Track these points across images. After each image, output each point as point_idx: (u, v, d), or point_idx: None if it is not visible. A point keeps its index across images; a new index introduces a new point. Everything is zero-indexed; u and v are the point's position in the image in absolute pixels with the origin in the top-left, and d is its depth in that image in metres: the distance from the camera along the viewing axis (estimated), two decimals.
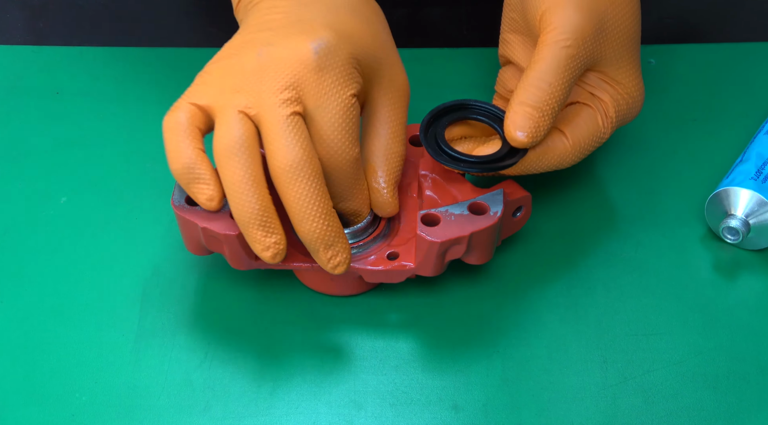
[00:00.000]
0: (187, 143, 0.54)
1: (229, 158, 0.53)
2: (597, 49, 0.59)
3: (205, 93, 0.55)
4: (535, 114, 0.57)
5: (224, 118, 0.54)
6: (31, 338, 0.60)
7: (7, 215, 0.66)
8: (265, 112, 0.53)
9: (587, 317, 0.61)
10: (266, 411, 0.57)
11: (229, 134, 0.53)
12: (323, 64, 0.54)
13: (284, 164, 0.53)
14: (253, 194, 0.53)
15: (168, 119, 0.55)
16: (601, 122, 0.60)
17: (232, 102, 0.54)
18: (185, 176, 0.54)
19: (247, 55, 0.55)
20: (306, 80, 0.54)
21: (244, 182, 0.53)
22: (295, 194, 0.53)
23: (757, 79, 0.74)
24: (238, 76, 0.55)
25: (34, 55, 0.77)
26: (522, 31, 0.63)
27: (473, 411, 0.57)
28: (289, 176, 0.53)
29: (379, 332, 0.60)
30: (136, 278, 0.63)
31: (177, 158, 0.54)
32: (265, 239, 0.54)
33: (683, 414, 0.57)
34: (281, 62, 0.54)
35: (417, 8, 0.79)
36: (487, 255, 0.60)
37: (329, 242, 0.55)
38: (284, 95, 0.53)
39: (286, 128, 0.53)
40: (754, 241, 0.63)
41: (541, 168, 0.60)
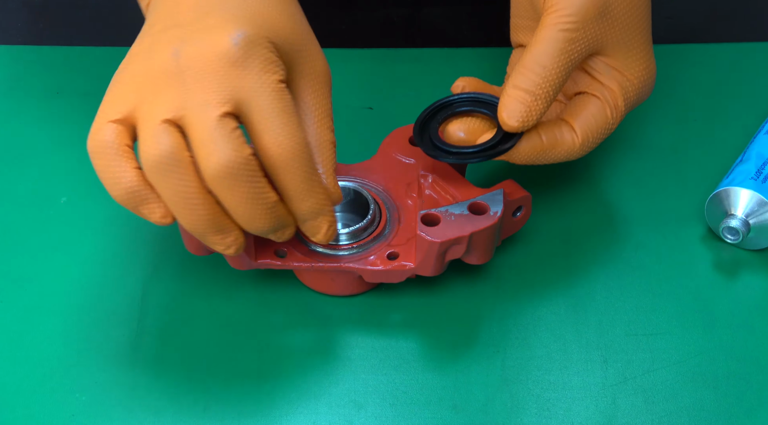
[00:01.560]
0: (122, 165, 0.51)
1: (162, 176, 0.50)
2: (602, 33, 0.57)
3: (121, 105, 0.52)
4: (528, 98, 0.56)
5: (148, 131, 0.50)
6: (32, 338, 0.60)
7: (7, 215, 0.66)
8: (192, 116, 0.50)
9: (587, 317, 0.61)
10: (266, 411, 0.57)
11: (157, 149, 0.50)
12: (246, 55, 0.51)
13: (217, 169, 0.50)
14: (195, 206, 0.51)
15: (92, 143, 0.52)
16: (609, 114, 0.59)
17: (153, 111, 0.51)
18: (130, 200, 0.52)
19: (161, 55, 0.52)
20: (232, 76, 0.51)
21: (182, 194, 0.50)
22: (233, 201, 0.51)
23: (757, 79, 0.74)
24: (156, 81, 0.51)
25: (34, 55, 0.77)
26: (530, 15, 0.62)
27: (473, 411, 0.57)
28: (225, 182, 0.50)
29: (379, 332, 0.60)
30: (136, 278, 0.63)
31: (115, 184, 0.51)
32: (223, 241, 0.53)
33: (683, 414, 0.57)
34: (202, 60, 0.51)
35: (417, 8, 0.79)
36: (487, 255, 0.60)
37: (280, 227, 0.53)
38: (211, 96, 0.50)
39: (216, 131, 0.50)
40: (754, 241, 0.63)
41: (549, 161, 0.59)
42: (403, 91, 0.73)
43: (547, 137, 0.58)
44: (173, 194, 0.51)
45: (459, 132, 0.59)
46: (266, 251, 0.59)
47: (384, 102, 0.73)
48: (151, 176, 0.51)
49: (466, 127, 0.59)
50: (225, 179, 0.50)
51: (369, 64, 0.75)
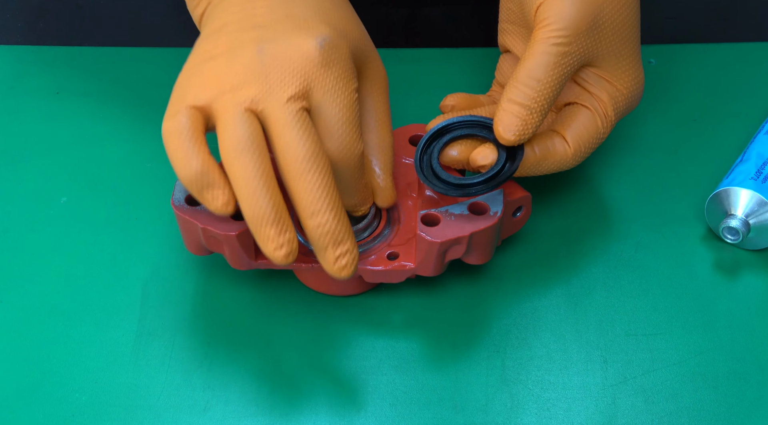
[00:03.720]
0: (195, 148, 0.53)
1: (238, 157, 0.52)
2: (593, 45, 0.58)
3: (201, 93, 0.54)
4: (524, 112, 0.57)
5: (229, 116, 0.53)
6: (32, 338, 0.60)
7: (7, 215, 0.66)
8: (272, 108, 0.53)
9: (587, 317, 0.61)
10: (266, 411, 0.57)
11: (237, 133, 0.52)
12: (328, 59, 0.54)
13: (296, 156, 0.52)
14: (265, 191, 0.52)
15: (169, 125, 0.53)
16: (600, 123, 0.60)
17: (235, 100, 0.53)
18: (197, 183, 0.53)
19: (244, 52, 0.54)
20: (312, 76, 0.53)
21: (256, 179, 0.52)
22: (306, 186, 0.52)
23: (757, 79, 0.74)
24: (238, 74, 0.53)
25: (34, 55, 0.77)
26: (519, 22, 0.62)
27: (473, 411, 0.57)
28: (302, 167, 0.52)
29: (379, 332, 0.60)
30: (136, 278, 0.63)
31: (187, 165, 0.53)
32: (278, 238, 0.52)
33: (683, 414, 0.57)
34: (286, 58, 0.53)
35: (417, 8, 0.79)
36: (487, 255, 0.60)
37: (339, 238, 0.53)
38: (291, 91, 0.53)
39: (296, 123, 0.52)
40: (754, 241, 0.63)
41: (542, 171, 0.60)
42: (403, 91, 0.73)
43: (539, 148, 0.59)
44: (244, 175, 0.52)
45: (452, 151, 0.60)
46: None
47: None
48: (227, 159, 0.52)
49: (461, 147, 0.60)
50: (302, 164, 0.52)
51: None
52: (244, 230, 0.57)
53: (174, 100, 0.54)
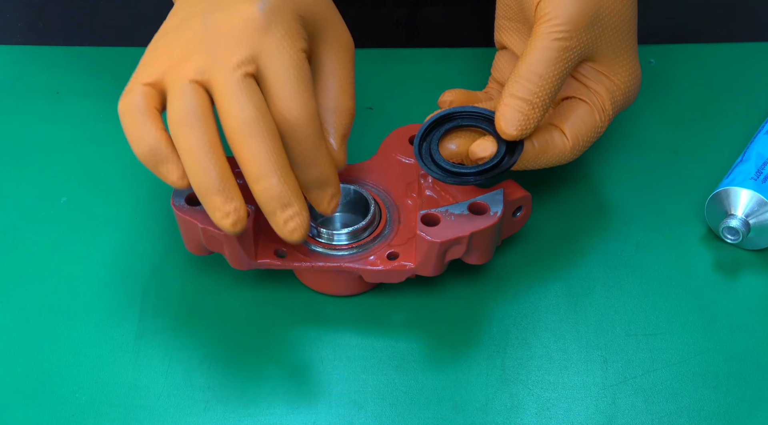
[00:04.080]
0: (148, 124, 0.53)
1: (182, 127, 0.52)
2: (592, 40, 0.58)
3: (153, 69, 0.54)
4: (526, 107, 0.57)
5: (176, 89, 0.53)
6: (31, 338, 0.60)
7: (7, 215, 0.66)
8: (216, 76, 0.53)
9: (587, 317, 0.61)
10: (266, 411, 0.57)
11: (181, 104, 0.53)
12: (270, 22, 0.54)
13: (238, 122, 0.52)
14: (209, 160, 0.52)
15: (123, 103, 0.54)
16: (598, 117, 0.60)
17: (182, 73, 0.53)
18: (151, 158, 0.54)
19: (192, 25, 0.54)
20: (254, 40, 0.53)
21: (200, 148, 0.52)
22: (250, 151, 0.52)
23: (757, 79, 0.74)
24: (185, 47, 0.54)
25: (34, 55, 0.77)
26: (517, 18, 0.62)
27: (473, 411, 0.57)
28: (244, 132, 0.52)
29: (379, 332, 0.60)
30: (136, 278, 0.63)
31: (140, 141, 0.53)
32: (224, 206, 0.53)
33: (683, 414, 0.57)
34: (228, 26, 0.54)
35: (417, 8, 0.79)
36: (487, 255, 0.60)
37: (285, 201, 0.53)
38: (235, 58, 0.53)
39: (237, 88, 0.52)
40: (754, 241, 0.63)
41: (541, 165, 0.60)
42: (403, 91, 0.73)
43: (538, 142, 0.59)
44: (189, 145, 0.52)
45: (451, 145, 0.60)
46: (266, 251, 0.59)
47: (384, 102, 0.73)
48: (174, 131, 0.53)
49: (459, 140, 0.60)
50: (244, 129, 0.52)
51: (369, 64, 0.75)
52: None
53: (131, 78, 0.55)
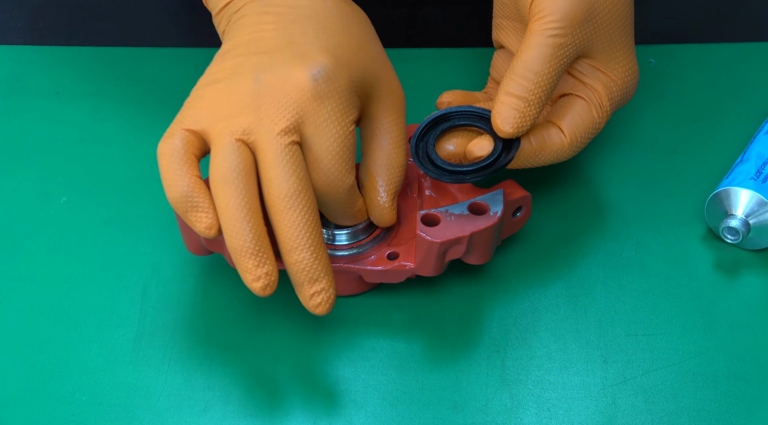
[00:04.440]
0: (185, 170, 0.54)
1: (225, 186, 0.53)
2: (587, 37, 0.58)
3: (199, 118, 0.54)
4: (521, 104, 0.57)
5: (221, 145, 0.53)
6: (31, 338, 0.60)
7: (7, 215, 0.66)
8: (263, 140, 0.53)
9: (587, 317, 0.61)
10: (266, 411, 0.57)
11: (226, 162, 0.53)
12: (322, 92, 0.54)
13: (280, 192, 0.53)
14: (246, 222, 0.53)
15: (163, 146, 0.54)
16: (596, 114, 0.60)
17: (228, 129, 0.53)
18: (183, 204, 0.54)
19: (243, 80, 0.54)
20: (305, 109, 0.54)
21: (239, 210, 0.52)
22: (287, 222, 0.53)
23: (757, 79, 0.74)
24: (234, 102, 0.54)
25: (34, 55, 0.76)
26: (513, 16, 0.62)
27: (473, 411, 0.57)
28: (284, 204, 0.53)
29: (380, 332, 0.60)
30: (136, 278, 0.63)
31: (174, 186, 0.54)
32: (256, 270, 0.53)
33: (683, 414, 0.57)
34: (280, 89, 0.54)
35: (417, 8, 0.79)
36: (487, 255, 0.60)
37: (315, 277, 0.54)
38: (282, 124, 0.53)
39: (283, 158, 0.53)
40: (754, 241, 0.63)
41: (540, 163, 0.60)
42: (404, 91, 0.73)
43: (536, 139, 0.59)
44: (228, 205, 0.53)
45: (449, 146, 0.60)
46: None
47: None
48: (214, 187, 0.53)
49: (456, 140, 0.60)
50: (284, 201, 0.53)
51: None
52: None
53: (174, 121, 0.55)
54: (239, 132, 0.53)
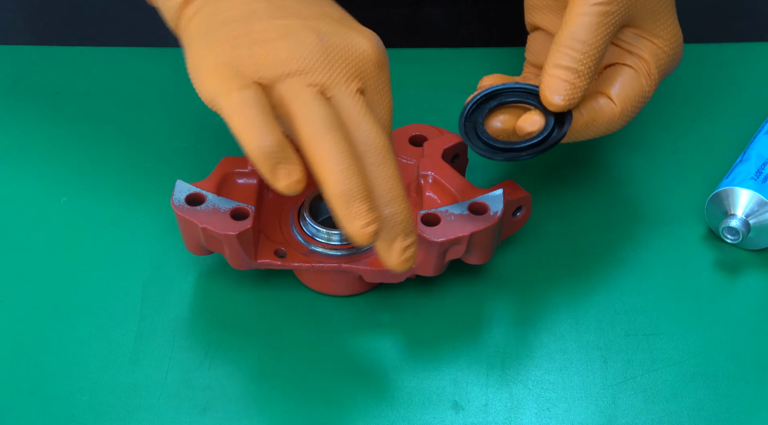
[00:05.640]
0: (271, 122, 0.51)
1: (327, 133, 0.51)
2: (632, 4, 0.57)
3: (264, 71, 0.53)
4: (571, 76, 0.56)
5: (307, 97, 0.52)
6: (31, 338, 0.60)
7: (7, 215, 0.66)
8: (344, 96, 0.53)
9: (587, 317, 0.61)
10: (266, 411, 0.57)
11: (322, 111, 0.52)
12: (383, 61, 0.55)
13: (377, 145, 0.52)
14: (356, 167, 0.51)
15: (237, 97, 0.51)
16: (644, 81, 0.59)
17: (306, 82, 0.53)
18: (272, 157, 0.51)
19: (305, 38, 0.54)
20: (369, 74, 0.54)
21: (345, 154, 0.51)
22: (386, 174, 0.53)
23: (757, 79, 0.74)
24: (304, 58, 0.53)
25: (34, 55, 0.76)
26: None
27: (473, 411, 0.57)
28: (381, 156, 0.52)
29: (379, 332, 0.60)
30: (136, 278, 0.63)
31: (262, 138, 0.51)
32: (369, 214, 0.51)
33: (683, 414, 0.57)
34: (347, 52, 0.54)
35: (417, 8, 0.79)
36: (487, 255, 0.60)
37: (409, 228, 0.53)
38: (357, 84, 0.53)
39: (369, 114, 0.53)
40: (754, 241, 0.63)
41: (590, 135, 0.59)
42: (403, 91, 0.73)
43: (587, 111, 0.58)
44: (337, 152, 0.51)
45: (497, 123, 0.59)
46: (266, 251, 0.59)
47: None
48: (314, 135, 0.52)
49: (505, 117, 0.59)
50: (381, 154, 0.53)
51: None
52: (244, 230, 0.57)
53: (227, 75, 0.53)
54: (318, 86, 0.53)
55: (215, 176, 0.60)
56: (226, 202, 0.58)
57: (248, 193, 0.60)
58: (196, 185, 0.59)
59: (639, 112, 0.60)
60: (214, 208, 0.58)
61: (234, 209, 0.58)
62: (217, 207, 0.58)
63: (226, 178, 0.61)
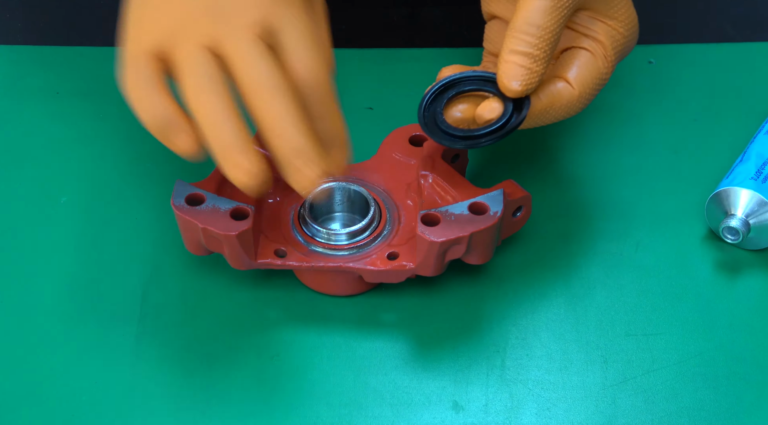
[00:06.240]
0: (159, 94, 0.52)
1: (201, 94, 0.52)
2: None
3: (154, 34, 0.53)
4: (527, 61, 0.55)
5: (190, 57, 0.52)
6: (31, 338, 0.60)
7: (7, 215, 0.66)
8: (230, 41, 0.52)
9: (587, 317, 0.61)
10: (266, 411, 0.57)
11: (198, 71, 0.52)
12: None
13: (258, 82, 0.51)
14: (232, 120, 0.51)
15: (129, 74, 0.53)
16: (602, 64, 0.58)
17: (191, 38, 0.52)
18: (164, 129, 0.52)
19: None
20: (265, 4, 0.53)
21: (222, 111, 0.51)
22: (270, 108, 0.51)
23: (757, 79, 0.74)
24: (190, 10, 0.53)
25: (34, 55, 0.76)
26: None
27: (473, 411, 0.57)
28: (265, 92, 0.51)
29: (379, 332, 0.60)
30: (136, 278, 0.63)
31: (151, 112, 0.52)
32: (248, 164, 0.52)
33: (683, 414, 0.57)
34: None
35: (417, 8, 0.79)
36: (487, 255, 0.60)
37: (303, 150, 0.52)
38: (247, 20, 0.52)
39: (254, 50, 0.52)
40: (754, 241, 0.63)
41: (551, 120, 0.58)
42: (403, 91, 0.73)
43: (545, 95, 0.58)
44: (211, 111, 0.52)
45: (456, 112, 0.58)
46: (266, 251, 0.59)
47: (384, 102, 0.73)
48: (192, 98, 0.52)
49: (464, 106, 0.58)
50: (265, 91, 0.52)
51: (369, 64, 0.75)
52: (244, 230, 0.57)
53: (129, 43, 0.54)
54: (203, 39, 0.52)
55: (215, 176, 0.60)
56: (226, 202, 0.58)
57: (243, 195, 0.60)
58: (196, 185, 0.59)
59: (597, 94, 0.59)
60: (214, 208, 0.58)
61: (234, 209, 0.58)
62: (217, 207, 0.58)
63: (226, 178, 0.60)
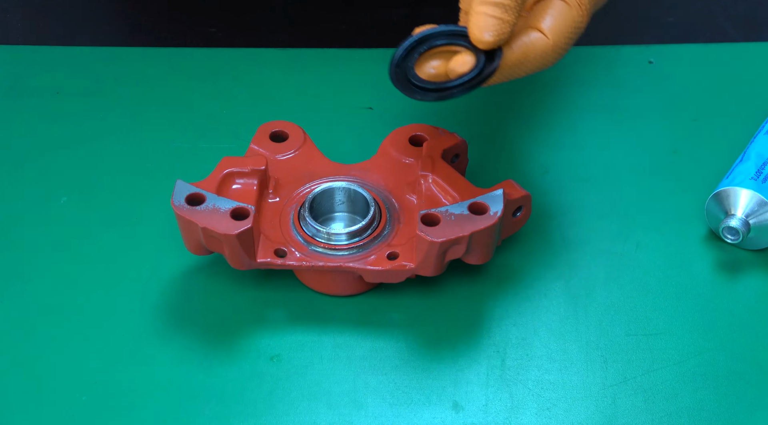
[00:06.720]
0: None
1: None
2: None
3: None
4: (498, 11, 0.54)
5: None
6: (31, 338, 0.60)
7: (7, 215, 0.66)
8: None
9: (587, 317, 0.61)
10: (266, 411, 0.57)
11: None
12: None
13: None
14: None
15: None
16: (576, 13, 0.57)
17: None
18: None
19: None
20: None
21: None
22: None
23: (757, 79, 0.74)
24: None
25: (34, 55, 0.77)
26: None
27: (473, 411, 0.57)
28: None
29: (379, 332, 0.60)
30: (136, 278, 0.63)
31: None
32: None
33: (683, 414, 0.57)
34: None
35: (417, 8, 0.79)
36: (487, 255, 0.60)
37: None
38: None
39: None
40: (754, 241, 0.63)
41: (526, 71, 0.57)
42: None
43: (518, 46, 0.56)
44: None
45: (429, 69, 0.57)
46: (266, 251, 0.59)
47: (384, 102, 0.73)
48: None
49: (436, 62, 0.57)
50: None
51: (369, 64, 0.75)
52: (244, 230, 0.57)
53: None
54: None
55: (215, 176, 0.60)
56: (226, 202, 0.58)
57: (248, 193, 0.60)
58: (196, 185, 0.59)
59: (572, 45, 0.58)
60: (214, 208, 0.58)
61: (234, 209, 0.58)
62: (217, 207, 0.58)
63: (226, 178, 0.61)
